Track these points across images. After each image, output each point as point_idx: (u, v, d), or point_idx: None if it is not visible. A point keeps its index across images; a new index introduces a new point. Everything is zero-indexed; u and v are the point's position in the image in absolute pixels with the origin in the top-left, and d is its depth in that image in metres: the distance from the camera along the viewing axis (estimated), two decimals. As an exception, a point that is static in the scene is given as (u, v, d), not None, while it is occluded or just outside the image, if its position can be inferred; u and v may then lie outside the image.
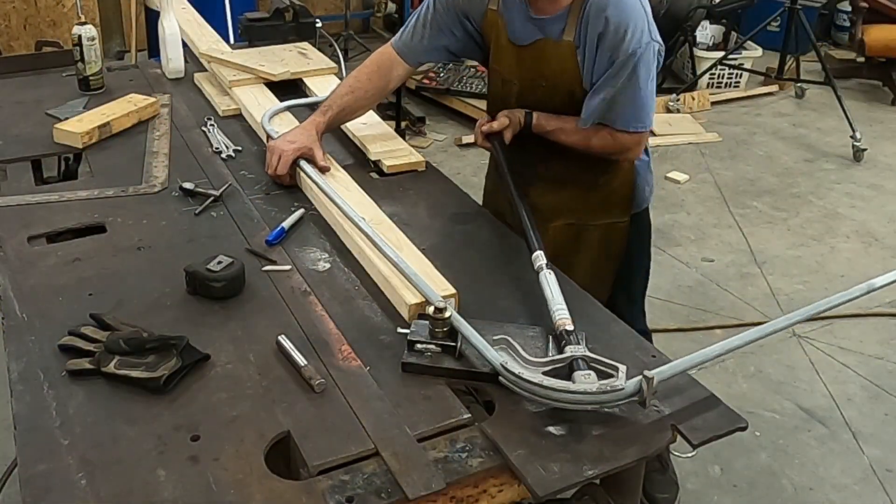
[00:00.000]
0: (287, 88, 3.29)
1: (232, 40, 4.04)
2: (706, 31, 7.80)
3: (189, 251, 2.29)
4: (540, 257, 2.20)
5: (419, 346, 1.91)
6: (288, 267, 2.26)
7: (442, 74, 7.01)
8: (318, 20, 3.91)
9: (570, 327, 1.93)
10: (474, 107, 6.69)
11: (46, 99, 3.21)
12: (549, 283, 2.11)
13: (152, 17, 5.88)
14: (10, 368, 1.86)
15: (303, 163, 2.63)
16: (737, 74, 7.61)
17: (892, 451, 3.62)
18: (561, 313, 1.99)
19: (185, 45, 3.59)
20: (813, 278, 4.90)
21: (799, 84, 7.60)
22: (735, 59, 7.49)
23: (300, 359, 1.88)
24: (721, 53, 7.41)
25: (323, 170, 2.63)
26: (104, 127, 2.89)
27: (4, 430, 1.61)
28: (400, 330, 2.00)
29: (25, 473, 1.60)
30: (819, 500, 3.36)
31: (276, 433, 1.71)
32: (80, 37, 3.21)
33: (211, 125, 3.05)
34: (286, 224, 2.41)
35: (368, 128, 2.94)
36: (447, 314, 1.91)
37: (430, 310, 1.92)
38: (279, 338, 1.95)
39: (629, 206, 2.85)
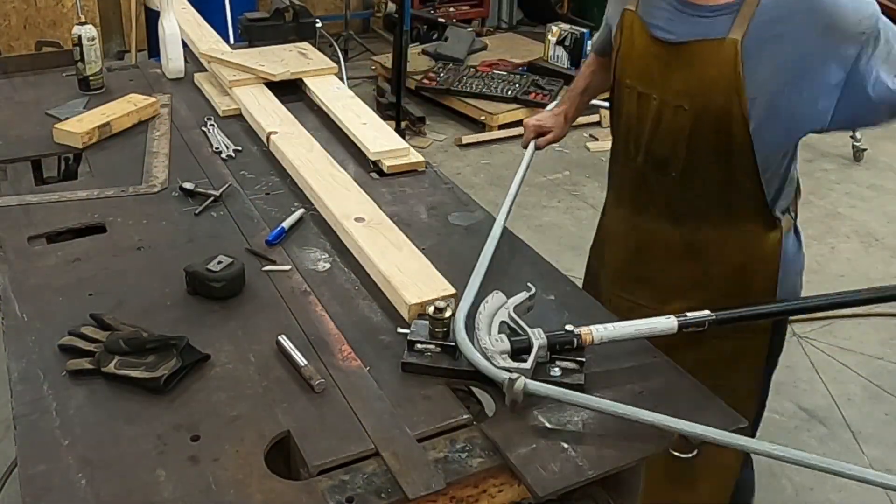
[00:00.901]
0: (287, 88, 3.29)
1: (232, 40, 4.05)
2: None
3: (189, 251, 2.29)
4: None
5: (419, 346, 1.91)
6: (288, 267, 2.26)
7: (442, 74, 7.02)
8: (318, 20, 3.92)
9: (571, 327, 1.91)
10: (474, 107, 6.72)
11: (46, 99, 3.21)
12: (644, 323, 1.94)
13: (152, 17, 5.89)
14: (9, 368, 1.86)
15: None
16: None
17: (892, 451, 3.62)
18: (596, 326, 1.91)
19: (185, 45, 3.59)
20: (813, 278, 4.87)
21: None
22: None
23: (300, 359, 1.89)
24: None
25: (538, 146, 2.81)
26: (104, 127, 2.89)
27: (4, 429, 1.61)
28: (400, 330, 2.00)
29: (25, 473, 1.60)
30: (819, 500, 3.36)
31: (276, 433, 1.71)
32: (80, 37, 3.22)
33: (211, 125, 3.05)
34: (286, 224, 2.41)
35: (368, 128, 2.94)
36: (447, 314, 1.91)
37: (430, 310, 1.92)
38: (279, 338, 1.95)
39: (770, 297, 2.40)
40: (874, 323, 4.49)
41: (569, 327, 1.87)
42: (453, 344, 1.90)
